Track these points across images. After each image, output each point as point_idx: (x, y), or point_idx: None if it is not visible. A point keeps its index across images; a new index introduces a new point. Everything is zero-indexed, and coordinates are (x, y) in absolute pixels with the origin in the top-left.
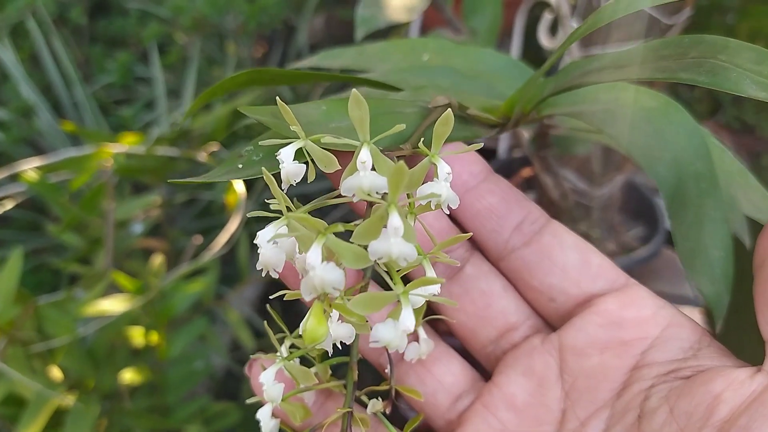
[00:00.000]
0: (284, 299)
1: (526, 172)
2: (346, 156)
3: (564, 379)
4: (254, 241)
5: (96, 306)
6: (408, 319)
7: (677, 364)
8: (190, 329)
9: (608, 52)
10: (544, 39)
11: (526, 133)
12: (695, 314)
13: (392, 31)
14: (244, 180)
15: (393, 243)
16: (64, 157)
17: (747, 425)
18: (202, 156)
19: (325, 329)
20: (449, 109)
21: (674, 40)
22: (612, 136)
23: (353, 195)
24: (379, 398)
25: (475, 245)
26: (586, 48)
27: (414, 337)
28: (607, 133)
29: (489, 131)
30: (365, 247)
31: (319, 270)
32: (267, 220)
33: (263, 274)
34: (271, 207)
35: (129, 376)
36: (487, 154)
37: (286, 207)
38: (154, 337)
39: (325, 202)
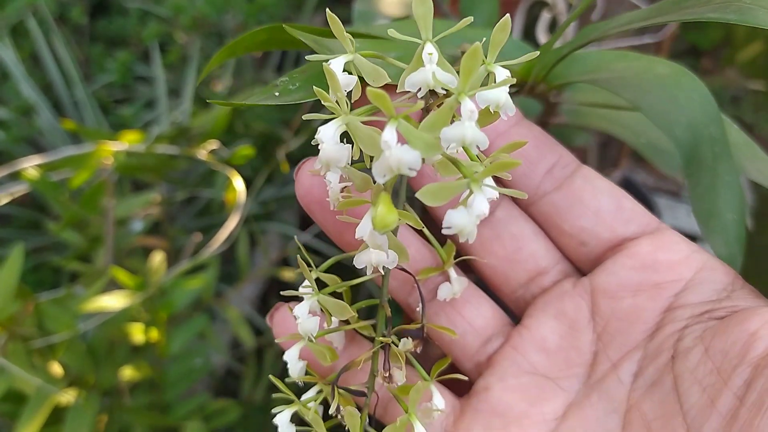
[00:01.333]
0: (281, 297)
1: None
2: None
3: (596, 322)
4: (315, 137)
5: (96, 302)
6: (482, 204)
7: (711, 305)
8: (189, 326)
9: (625, 13)
10: (542, 38)
11: None
12: None
13: None
14: (243, 178)
15: (467, 127)
16: (65, 155)
17: None
18: (202, 154)
19: (395, 215)
20: (507, 14)
21: None
22: (628, 100)
23: (418, 90)
24: (409, 338)
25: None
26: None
27: (445, 277)
28: (623, 96)
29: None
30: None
31: (396, 150)
32: (266, 219)
33: (322, 173)
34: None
35: (129, 372)
36: None
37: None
38: (154, 334)
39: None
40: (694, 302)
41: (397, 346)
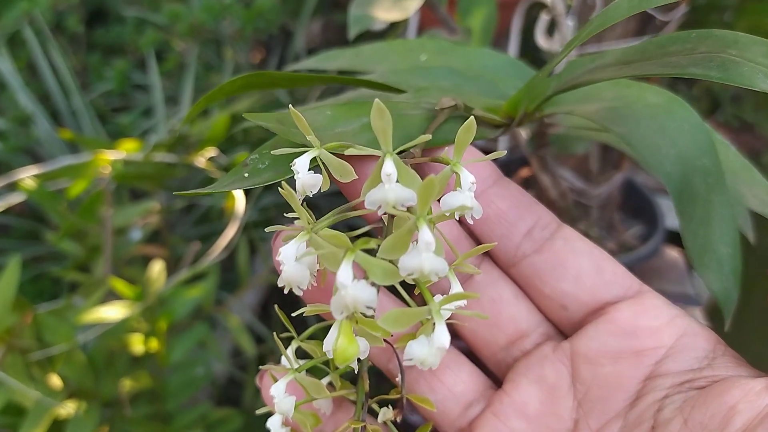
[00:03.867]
0: (284, 305)
1: (524, 172)
2: (358, 162)
3: (576, 388)
4: (277, 258)
5: (95, 313)
6: (443, 336)
7: (692, 375)
8: (190, 335)
9: (612, 49)
10: (541, 40)
11: (524, 133)
12: (697, 313)
13: (389, 31)
14: None
15: (425, 258)
16: (62, 164)
17: None
18: (201, 162)
19: (356, 348)
20: (472, 117)
21: (681, 36)
22: (617, 134)
23: (378, 208)
24: (390, 406)
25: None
26: (582, 46)
27: None
28: (612, 130)
29: (494, 131)
30: (393, 262)
31: (352, 289)
32: (265, 227)
33: (285, 291)
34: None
35: (129, 383)
36: (487, 155)
37: (308, 222)
38: (154, 344)
39: (344, 215)
40: (674, 371)
41: (376, 416)
